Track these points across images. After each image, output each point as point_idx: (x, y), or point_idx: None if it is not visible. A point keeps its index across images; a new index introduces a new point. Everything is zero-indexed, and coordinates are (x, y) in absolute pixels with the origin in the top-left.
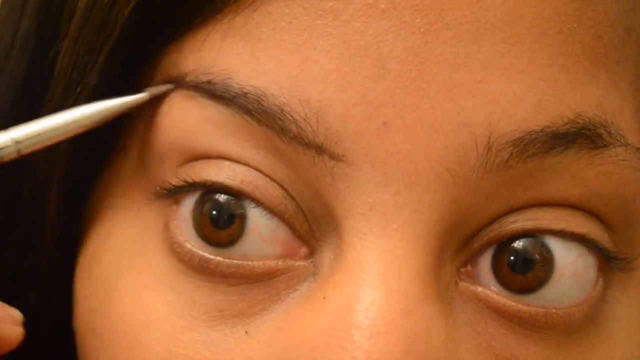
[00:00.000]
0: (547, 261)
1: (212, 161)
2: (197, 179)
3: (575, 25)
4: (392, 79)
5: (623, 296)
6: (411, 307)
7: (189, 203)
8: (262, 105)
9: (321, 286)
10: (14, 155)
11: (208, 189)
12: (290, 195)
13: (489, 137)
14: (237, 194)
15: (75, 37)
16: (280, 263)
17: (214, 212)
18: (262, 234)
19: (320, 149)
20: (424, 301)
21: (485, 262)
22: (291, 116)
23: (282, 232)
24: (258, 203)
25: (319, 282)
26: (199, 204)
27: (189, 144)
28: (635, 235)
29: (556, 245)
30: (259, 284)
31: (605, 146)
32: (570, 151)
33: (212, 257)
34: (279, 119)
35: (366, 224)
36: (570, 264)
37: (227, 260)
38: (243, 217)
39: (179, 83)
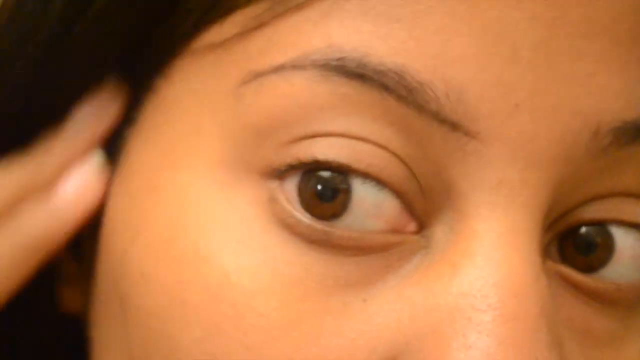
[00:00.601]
0: (609, 245)
1: (329, 138)
2: (310, 157)
3: None
4: (524, 65)
5: None
6: (538, 273)
7: (294, 178)
8: (403, 81)
9: (443, 256)
10: None
11: (320, 166)
12: (412, 173)
13: (598, 124)
14: (346, 171)
15: None
16: (391, 237)
17: (320, 187)
18: (368, 210)
19: (456, 126)
20: (543, 270)
21: (554, 245)
22: (433, 93)
23: (388, 208)
24: (372, 178)
25: (435, 254)
26: (305, 178)
27: (309, 122)
28: None
29: (618, 232)
30: (373, 255)
31: None
32: None
33: (328, 229)
34: (420, 95)
35: (495, 197)
36: (629, 248)
37: (343, 232)
38: (347, 192)
39: (297, 62)
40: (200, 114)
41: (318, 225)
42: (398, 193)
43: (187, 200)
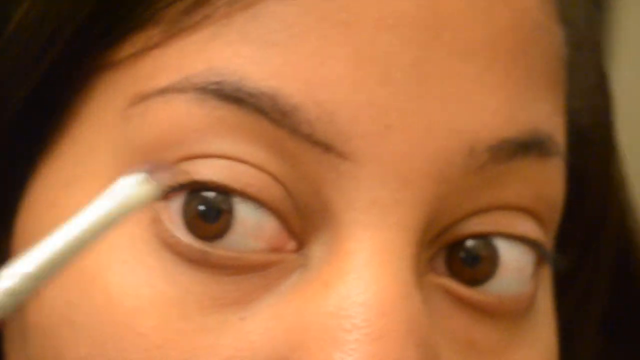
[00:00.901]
0: (493, 258)
1: (209, 160)
2: (194, 179)
3: (535, 52)
4: (397, 86)
5: (542, 289)
6: (409, 291)
7: (179, 198)
8: (276, 104)
9: (318, 275)
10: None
11: (201, 187)
12: (289, 193)
13: (473, 143)
14: (227, 191)
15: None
16: (271, 255)
17: (203, 207)
18: (248, 230)
19: (328, 147)
20: (416, 287)
21: (441, 258)
22: (304, 116)
23: (268, 228)
24: (251, 199)
25: (311, 272)
26: (189, 199)
27: (189, 144)
28: (552, 234)
29: (502, 244)
30: (252, 274)
31: (549, 155)
32: (527, 158)
33: (208, 249)
34: (293, 118)
35: (367, 217)
36: (513, 261)
37: (222, 252)
38: (230, 213)
39: (179, 85)
40: (97, 133)
41: (196, 244)
42: (276, 213)
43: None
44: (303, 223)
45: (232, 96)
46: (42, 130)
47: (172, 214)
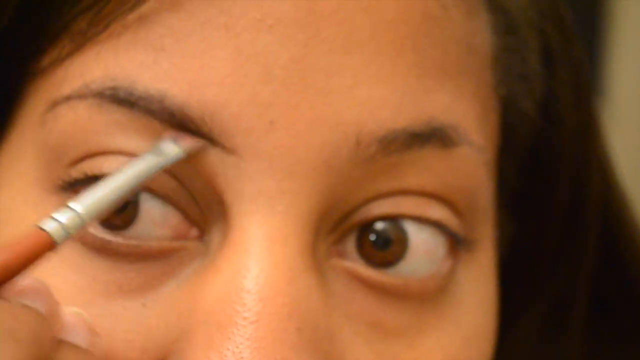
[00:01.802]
0: (403, 240)
1: (111, 156)
2: (97, 172)
3: (426, 42)
4: (278, 83)
5: (468, 273)
6: (294, 276)
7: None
8: (163, 105)
9: (212, 261)
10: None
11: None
12: (183, 185)
13: (358, 135)
14: None
15: None
16: (174, 243)
17: None
18: (154, 218)
19: (214, 143)
20: (305, 272)
21: (351, 241)
22: (189, 115)
23: (172, 217)
24: (151, 192)
25: (209, 259)
26: None
27: (90, 144)
28: (479, 221)
29: (411, 227)
30: (155, 262)
31: (454, 145)
32: (425, 148)
33: (112, 238)
34: (179, 117)
35: (254, 206)
36: (423, 243)
37: (125, 241)
38: (135, 203)
39: (80, 92)
40: (24, 137)
41: (99, 234)
42: (176, 204)
43: (7, 219)
44: (202, 213)
45: (125, 100)
46: None
47: None
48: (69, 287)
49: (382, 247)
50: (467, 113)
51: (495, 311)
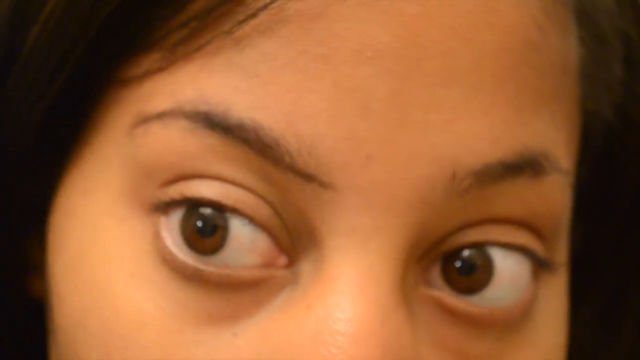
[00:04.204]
0: (488, 266)
1: (205, 180)
2: (196, 195)
3: (526, 71)
4: (376, 118)
5: (548, 295)
6: (386, 315)
7: (177, 214)
8: (259, 136)
9: (304, 295)
10: None
11: (197, 203)
12: (277, 213)
13: (454, 169)
14: (222, 208)
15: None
16: (263, 271)
17: (200, 223)
18: (243, 244)
19: (310, 178)
20: (396, 309)
21: (437, 268)
22: (285, 148)
23: (262, 243)
24: (244, 216)
25: (299, 290)
26: (187, 215)
27: (185, 167)
28: (561, 242)
29: (497, 254)
30: (244, 291)
31: (544, 173)
32: (518, 179)
33: (202, 267)
34: (275, 150)
35: (348, 242)
36: (508, 269)
37: (215, 270)
38: (225, 229)
39: (173, 112)
40: (109, 146)
41: (190, 261)
42: (267, 230)
43: (94, 229)
44: (292, 241)
45: (219, 125)
46: (66, 141)
47: (171, 229)
48: (159, 313)
49: (467, 273)
50: (558, 138)
51: (567, 324)
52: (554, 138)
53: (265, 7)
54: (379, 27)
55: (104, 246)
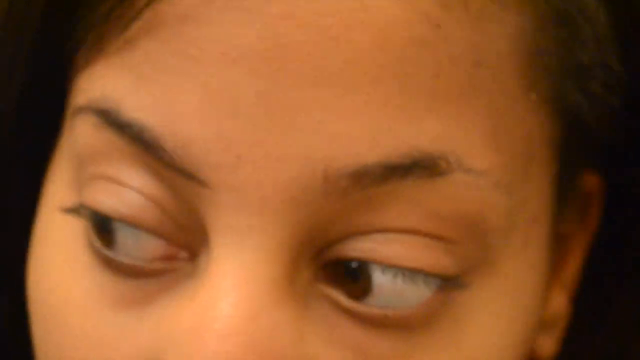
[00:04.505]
0: (368, 279)
1: (102, 182)
2: (86, 203)
3: (412, 69)
4: (244, 119)
5: (485, 295)
6: (258, 312)
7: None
8: (142, 135)
9: (194, 287)
10: None
11: (95, 211)
12: (168, 214)
13: (325, 170)
14: (107, 216)
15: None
16: (166, 263)
17: (95, 221)
18: (132, 247)
19: (189, 176)
20: (273, 306)
21: (330, 269)
22: (164, 147)
23: (149, 246)
24: (135, 224)
25: (196, 282)
26: (89, 212)
27: (97, 165)
28: (493, 240)
29: (375, 269)
30: (151, 278)
31: (442, 174)
32: (407, 180)
33: (110, 255)
34: (156, 148)
35: (227, 240)
36: (388, 282)
37: (122, 258)
38: (112, 231)
39: (86, 108)
40: (63, 132)
41: (104, 250)
42: (158, 234)
43: (50, 214)
44: (187, 238)
45: (115, 123)
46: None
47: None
48: (83, 294)
49: (352, 279)
50: (467, 137)
51: (525, 320)
52: (461, 136)
53: (145, 7)
54: (244, 29)
55: (49, 233)
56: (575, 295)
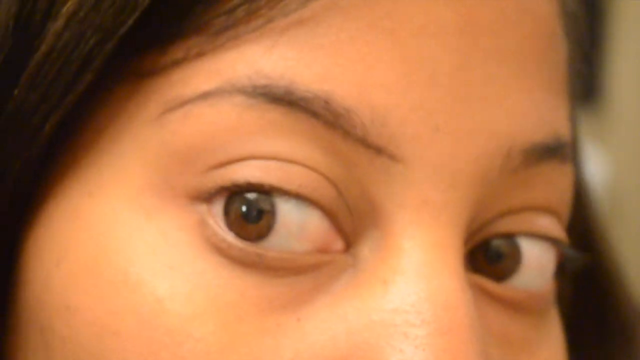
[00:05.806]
0: (515, 255)
1: (253, 161)
2: (235, 179)
3: (554, 59)
4: (443, 90)
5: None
6: (464, 286)
7: (221, 201)
8: (329, 107)
9: (374, 273)
10: None
11: (241, 188)
12: (340, 193)
13: (510, 146)
14: (271, 192)
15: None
16: (321, 256)
17: (245, 208)
18: (292, 230)
19: (380, 150)
20: (468, 283)
21: (467, 255)
22: (359, 118)
23: (313, 228)
24: (300, 199)
25: (363, 270)
26: (231, 200)
27: (235, 147)
28: None
29: (524, 243)
30: (303, 275)
31: (567, 160)
32: (551, 162)
33: (262, 251)
34: (346, 121)
35: (419, 216)
36: (536, 257)
37: (275, 254)
38: (272, 213)
39: (224, 89)
40: (121, 141)
41: (250, 248)
42: (327, 213)
43: (110, 228)
44: (353, 223)
45: (283, 99)
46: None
47: (216, 216)
48: (214, 305)
49: (494, 261)
50: (570, 130)
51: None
52: (570, 128)
53: None
54: (441, 4)
55: (127, 243)
56: None
